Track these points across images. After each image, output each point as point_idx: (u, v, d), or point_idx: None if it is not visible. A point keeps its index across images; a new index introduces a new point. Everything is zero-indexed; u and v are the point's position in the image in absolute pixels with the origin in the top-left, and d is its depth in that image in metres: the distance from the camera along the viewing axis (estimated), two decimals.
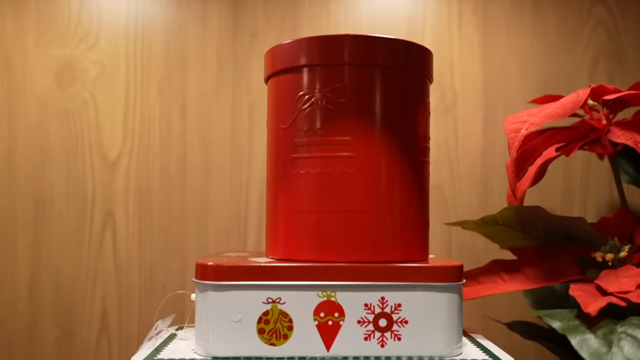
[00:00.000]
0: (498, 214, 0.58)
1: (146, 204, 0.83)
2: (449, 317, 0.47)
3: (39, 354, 0.82)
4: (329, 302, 0.46)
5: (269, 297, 0.46)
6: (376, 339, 0.46)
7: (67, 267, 0.82)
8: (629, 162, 0.66)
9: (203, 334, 0.47)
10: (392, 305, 0.46)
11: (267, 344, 0.46)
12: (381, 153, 0.48)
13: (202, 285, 0.47)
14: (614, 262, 0.53)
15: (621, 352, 0.42)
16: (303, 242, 0.49)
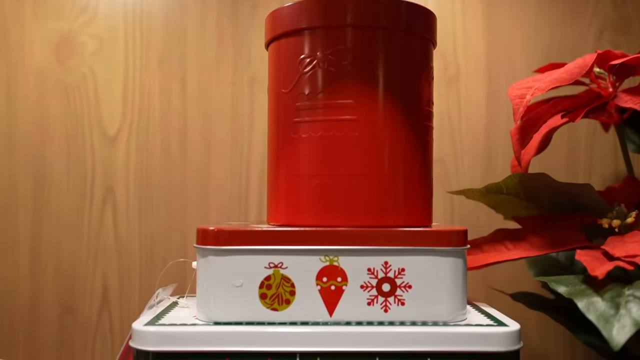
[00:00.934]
0: (502, 182, 0.57)
1: (146, 179, 0.82)
2: (453, 282, 0.46)
3: (41, 330, 0.82)
4: (332, 266, 0.45)
5: (270, 262, 0.45)
6: (379, 304, 0.46)
7: (67, 243, 0.82)
8: (635, 132, 0.65)
9: (204, 300, 0.46)
10: (396, 270, 0.46)
11: (269, 309, 0.45)
12: (384, 116, 0.47)
13: (203, 251, 0.46)
14: (621, 229, 0.52)
15: (629, 313, 0.41)
16: (305, 207, 0.48)
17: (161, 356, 0.44)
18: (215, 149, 0.82)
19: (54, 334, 0.82)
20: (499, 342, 0.44)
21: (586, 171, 0.82)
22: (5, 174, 0.81)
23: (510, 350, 0.44)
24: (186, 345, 0.43)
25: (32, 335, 0.81)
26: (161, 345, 0.43)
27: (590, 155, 0.83)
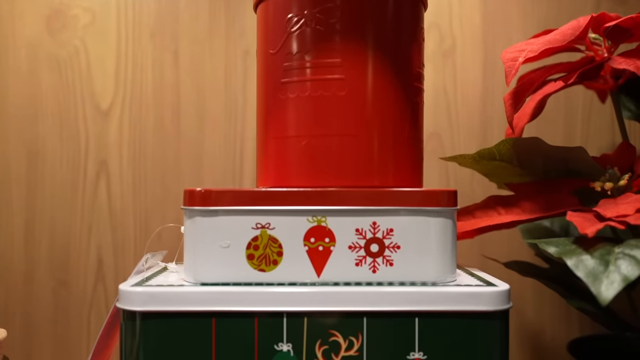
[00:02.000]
0: (494, 148, 0.57)
1: (140, 153, 0.82)
2: (443, 243, 0.46)
3: (36, 305, 0.81)
4: (320, 227, 0.45)
5: (258, 223, 0.45)
6: (367, 265, 0.45)
7: (61, 218, 0.82)
8: (630, 99, 0.65)
9: (191, 261, 0.46)
10: (384, 230, 0.45)
11: (256, 270, 0.45)
12: (373, 75, 0.47)
13: (190, 212, 0.46)
14: (613, 191, 0.52)
15: (618, 270, 0.41)
16: (293, 168, 0.48)
17: (148, 316, 0.43)
18: (209, 122, 0.82)
19: (49, 308, 0.82)
20: (488, 301, 0.44)
21: (583, 142, 0.82)
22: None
23: (499, 310, 0.44)
24: (173, 305, 0.43)
25: (27, 309, 0.81)
26: (148, 305, 0.43)
27: (587, 127, 0.82)
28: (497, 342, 0.44)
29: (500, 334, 0.44)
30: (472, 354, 0.44)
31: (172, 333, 0.43)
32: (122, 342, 0.44)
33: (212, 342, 0.43)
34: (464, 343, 0.44)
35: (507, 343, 0.45)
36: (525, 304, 0.82)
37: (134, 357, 0.43)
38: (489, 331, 0.44)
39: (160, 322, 0.43)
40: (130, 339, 0.44)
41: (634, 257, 0.42)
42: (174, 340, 0.43)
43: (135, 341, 0.43)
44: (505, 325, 0.45)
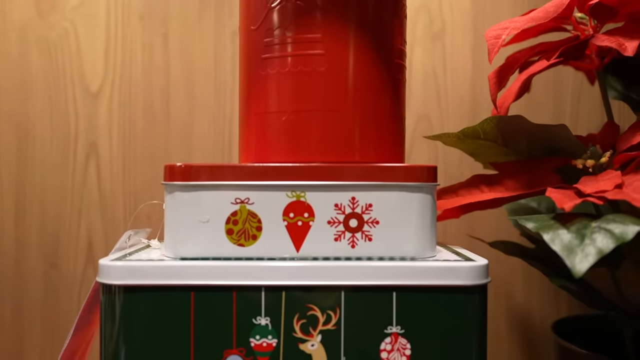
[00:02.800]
0: (478, 126, 0.57)
1: (129, 135, 0.82)
2: (422, 218, 0.46)
3: (26, 287, 0.82)
4: (299, 202, 0.45)
5: (237, 198, 0.45)
6: (346, 240, 0.45)
7: (51, 200, 0.82)
8: (617, 79, 0.64)
9: (171, 236, 0.46)
10: (363, 205, 0.45)
11: (235, 245, 0.45)
12: (353, 51, 0.47)
13: (170, 187, 0.46)
14: (595, 169, 0.52)
15: (593, 243, 0.41)
16: (274, 144, 0.48)
17: (127, 290, 0.43)
18: (198, 103, 0.82)
19: (40, 289, 0.82)
20: (465, 276, 0.44)
21: (572, 123, 0.81)
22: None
23: (476, 284, 0.44)
24: (152, 279, 0.43)
25: (18, 290, 0.82)
26: (127, 279, 0.43)
27: (576, 108, 0.82)
28: (475, 316, 0.44)
29: (478, 309, 0.44)
30: (449, 328, 0.44)
31: (151, 307, 0.43)
32: (102, 317, 0.44)
33: (190, 316, 0.43)
34: (442, 317, 0.44)
35: (485, 317, 0.45)
36: (514, 286, 0.83)
37: (114, 331, 0.44)
38: (466, 305, 0.44)
39: (139, 296, 0.43)
40: (110, 313, 0.44)
41: (610, 230, 0.42)
42: (153, 314, 0.43)
43: (115, 315, 0.44)
44: (484, 300, 0.45)
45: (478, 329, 0.44)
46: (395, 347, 0.44)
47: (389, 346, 0.44)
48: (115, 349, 0.44)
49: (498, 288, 0.84)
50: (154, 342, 0.43)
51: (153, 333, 0.43)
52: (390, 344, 0.44)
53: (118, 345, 0.44)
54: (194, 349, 0.43)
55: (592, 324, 0.68)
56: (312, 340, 0.44)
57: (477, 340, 0.44)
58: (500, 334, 0.84)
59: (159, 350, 0.44)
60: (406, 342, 0.44)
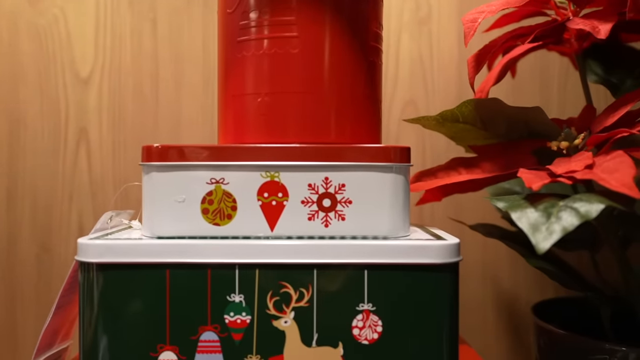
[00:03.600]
0: (456, 109, 0.57)
1: (119, 120, 0.83)
2: (394, 198, 0.47)
3: (19, 270, 0.83)
4: (273, 182, 0.46)
5: (212, 178, 0.46)
6: (320, 219, 0.46)
7: (43, 184, 0.83)
8: (597, 63, 0.65)
9: (149, 215, 0.47)
10: (336, 185, 0.46)
11: (211, 224, 0.46)
12: (327, 34, 0.47)
13: (147, 167, 0.47)
14: (569, 150, 0.52)
15: (559, 221, 0.42)
16: (250, 126, 0.48)
17: (103, 267, 0.44)
18: (187, 89, 0.83)
19: (32, 272, 0.83)
20: (436, 254, 0.44)
21: (560, 109, 0.82)
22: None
23: (447, 262, 0.45)
24: (128, 257, 0.44)
25: (10, 274, 0.83)
26: (104, 257, 0.44)
27: (563, 94, 0.82)
28: (446, 294, 0.45)
29: (449, 287, 0.45)
30: (420, 306, 0.45)
31: (127, 284, 0.44)
32: (80, 294, 0.45)
33: (166, 293, 0.44)
34: (413, 295, 0.45)
35: (456, 296, 0.46)
36: (501, 271, 0.83)
37: (91, 309, 0.45)
38: (437, 283, 0.45)
39: (116, 274, 0.44)
40: (88, 290, 0.45)
41: (576, 209, 0.42)
42: (129, 291, 0.44)
43: (92, 293, 0.45)
44: (455, 278, 0.46)
45: (449, 307, 0.45)
46: (367, 324, 0.45)
47: (360, 323, 0.45)
48: (92, 326, 0.45)
49: (485, 273, 0.85)
50: (131, 318, 0.45)
51: (129, 310, 0.44)
52: (362, 320, 0.45)
53: (95, 323, 0.45)
54: (170, 326, 0.44)
55: (572, 306, 0.69)
56: (285, 317, 0.45)
57: (449, 318, 0.45)
58: (487, 318, 0.85)
59: (135, 327, 0.45)
60: (377, 319, 0.45)
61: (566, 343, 0.56)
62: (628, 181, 0.42)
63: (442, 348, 0.45)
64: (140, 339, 0.45)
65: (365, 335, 0.45)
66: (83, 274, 0.45)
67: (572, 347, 0.56)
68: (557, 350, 0.58)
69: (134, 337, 0.45)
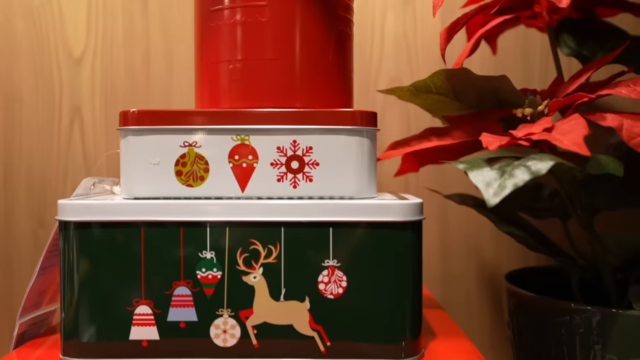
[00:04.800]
0: (428, 79, 0.59)
1: (112, 98, 0.85)
2: (360, 161, 0.49)
3: (16, 245, 0.86)
4: (243, 145, 0.48)
5: (185, 141, 0.48)
6: (289, 181, 0.48)
7: (38, 161, 0.85)
8: (571, 37, 0.66)
9: (126, 178, 0.49)
10: (304, 148, 0.48)
11: (184, 185, 0.48)
12: (295, 3, 0.49)
13: (124, 132, 0.49)
14: (533, 117, 0.54)
15: (512, 178, 0.44)
16: (223, 92, 0.51)
17: (81, 225, 0.47)
18: (177, 68, 0.85)
19: (29, 247, 0.86)
20: (398, 213, 0.47)
21: (541, 84, 0.83)
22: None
23: (409, 221, 0.47)
24: (104, 215, 0.47)
25: (7, 249, 0.86)
26: (82, 216, 0.47)
27: (545, 69, 0.84)
28: (409, 251, 0.47)
29: (411, 244, 0.47)
30: (383, 262, 0.47)
31: (104, 242, 0.47)
32: (61, 252, 0.48)
33: (141, 250, 0.47)
34: (376, 251, 0.47)
35: (419, 253, 0.48)
36: (484, 245, 0.85)
37: (72, 265, 0.47)
38: (400, 240, 0.47)
39: (93, 232, 0.47)
40: (68, 248, 0.47)
41: (528, 166, 0.44)
42: (107, 248, 0.47)
43: (71, 250, 0.47)
44: (418, 236, 0.48)
45: (412, 263, 0.47)
46: (332, 280, 0.47)
47: (326, 278, 0.47)
48: (72, 282, 0.47)
49: (470, 248, 0.86)
50: (108, 275, 0.47)
51: (106, 266, 0.47)
52: (328, 276, 0.47)
53: (74, 279, 0.47)
54: (145, 281, 0.47)
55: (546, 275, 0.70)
56: (254, 272, 0.47)
57: (412, 274, 0.47)
58: (471, 291, 0.87)
59: (112, 283, 0.47)
60: (342, 274, 0.47)
61: (534, 305, 0.58)
62: (579, 140, 0.43)
63: (404, 303, 0.47)
64: (117, 294, 0.47)
65: (330, 290, 0.47)
66: (62, 232, 0.48)
67: (540, 308, 0.58)
68: (526, 312, 0.60)
69: (111, 293, 0.47)
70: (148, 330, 0.47)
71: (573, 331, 0.54)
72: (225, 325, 0.47)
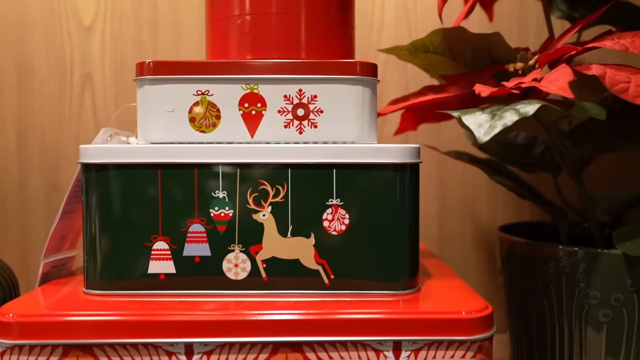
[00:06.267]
0: (426, 39, 0.62)
1: (121, 66, 0.89)
2: (361, 109, 0.52)
3: (30, 208, 0.89)
4: (252, 93, 0.52)
5: (198, 90, 0.52)
6: (295, 127, 0.52)
7: (51, 127, 0.89)
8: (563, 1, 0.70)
9: (142, 124, 0.53)
10: (309, 96, 0.52)
11: (197, 131, 0.52)
12: None
13: (140, 82, 0.52)
14: (524, 71, 0.58)
15: (502, 119, 0.47)
16: (233, 45, 0.54)
17: (102, 167, 0.50)
18: (184, 36, 0.88)
19: (43, 210, 0.89)
20: (397, 155, 0.50)
21: (536, 42, 0.86)
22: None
23: (407, 162, 0.50)
24: (124, 158, 0.50)
25: (22, 213, 0.89)
26: (102, 159, 0.50)
27: (539, 33, 0.87)
28: (406, 191, 0.51)
29: (409, 184, 0.51)
30: (383, 201, 0.50)
31: (123, 183, 0.50)
32: (84, 193, 0.51)
33: (158, 190, 0.50)
34: (376, 191, 0.50)
35: (416, 194, 0.52)
36: (480, 206, 0.89)
37: (93, 205, 0.51)
38: (398, 181, 0.50)
39: (113, 173, 0.50)
40: (89, 190, 0.51)
41: (517, 109, 0.48)
42: (126, 189, 0.50)
43: (93, 192, 0.51)
44: (414, 178, 0.51)
45: (409, 203, 0.51)
46: (336, 217, 0.51)
47: (330, 216, 0.51)
48: (93, 221, 0.51)
49: (466, 209, 0.90)
50: (128, 213, 0.50)
51: (126, 206, 0.50)
52: (331, 214, 0.51)
53: (96, 218, 0.51)
54: (162, 219, 0.51)
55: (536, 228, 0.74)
56: (263, 210, 0.51)
57: (408, 213, 0.51)
58: (467, 251, 0.90)
59: (132, 220, 0.51)
60: (345, 212, 0.50)
61: (524, 250, 0.62)
62: (564, 85, 0.47)
63: (402, 240, 0.51)
64: (136, 231, 0.51)
65: (334, 226, 0.51)
66: (85, 175, 0.51)
67: (529, 252, 0.61)
68: (517, 258, 0.63)
69: (131, 230, 0.51)
70: (165, 264, 0.51)
71: (560, 271, 0.58)
72: (237, 260, 0.51)
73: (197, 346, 0.45)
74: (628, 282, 0.55)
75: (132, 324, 0.45)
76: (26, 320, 0.46)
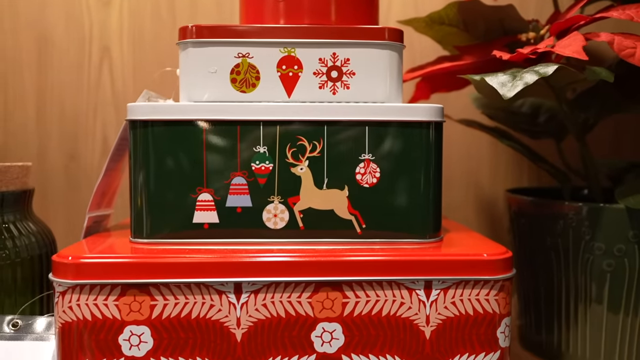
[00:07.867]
0: (442, 11, 0.67)
1: (139, 40, 0.92)
2: (389, 71, 0.56)
3: (50, 178, 0.92)
4: (290, 56, 0.55)
5: (239, 52, 0.55)
6: (329, 88, 0.56)
7: (69, 99, 0.92)
8: None
9: (186, 85, 0.56)
10: (342, 59, 0.56)
11: (238, 91, 0.56)
12: None
13: (184, 44, 0.56)
14: (536, 40, 0.62)
15: (522, 79, 0.52)
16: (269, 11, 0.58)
17: (149, 124, 0.54)
18: (201, 12, 0.91)
19: (62, 179, 0.92)
20: (423, 113, 0.55)
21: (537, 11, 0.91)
22: (11, 38, 0.91)
23: (432, 120, 0.55)
24: (170, 115, 0.54)
25: (42, 182, 0.92)
26: (149, 116, 0.54)
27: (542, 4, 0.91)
28: (432, 147, 0.55)
29: (434, 141, 0.55)
30: (411, 156, 0.55)
31: (170, 138, 0.54)
32: (131, 148, 0.55)
33: (203, 145, 0.54)
34: (405, 147, 0.55)
35: (440, 152, 0.56)
36: (482, 177, 0.94)
37: (140, 159, 0.54)
38: (424, 137, 0.55)
39: (160, 130, 0.54)
40: (137, 146, 0.54)
41: (536, 70, 0.52)
42: (172, 144, 0.54)
43: (140, 147, 0.54)
44: (439, 136, 0.56)
45: (435, 158, 0.55)
46: (368, 171, 0.55)
47: (362, 170, 0.55)
48: (141, 174, 0.54)
49: (469, 181, 0.95)
50: (173, 166, 0.54)
51: (172, 160, 0.54)
52: (364, 168, 0.55)
53: (143, 171, 0.54)
54: (206, 172, 0.54)
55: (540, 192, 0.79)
56: (301, 164, 0.55)
57: (434, 167, 0.56)
58: (469, 220, 0.95)
59: (177, 173, 0.54)
60: (376, 167, 0.55)
61: (532, 207, 0.67)
62: (579, 49, 0.52)
63: (428, 193, 0.55)
64: (182, 183, 0.54)
65: (366, 180, 0.55)
66: (131, 131, 0.55)
67: (537, 209, 0.66)
68: (525, 215, 0.68)
69: (177, 182, 0.54)
70: (209, 214, 0.55)
71: (567, 226, 0.63)
72: (276, 210, 0.55)
73: (245, 285, 0.49)
74: (630, 234, 0.60)
75: (184, 265, 0.49)
76: (85, 262, 0.49)
